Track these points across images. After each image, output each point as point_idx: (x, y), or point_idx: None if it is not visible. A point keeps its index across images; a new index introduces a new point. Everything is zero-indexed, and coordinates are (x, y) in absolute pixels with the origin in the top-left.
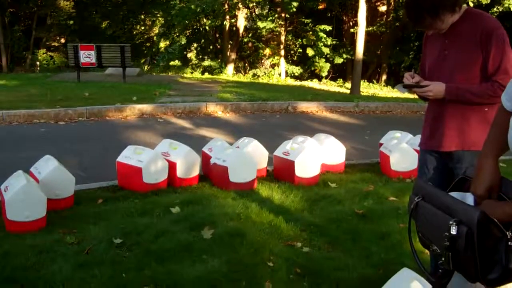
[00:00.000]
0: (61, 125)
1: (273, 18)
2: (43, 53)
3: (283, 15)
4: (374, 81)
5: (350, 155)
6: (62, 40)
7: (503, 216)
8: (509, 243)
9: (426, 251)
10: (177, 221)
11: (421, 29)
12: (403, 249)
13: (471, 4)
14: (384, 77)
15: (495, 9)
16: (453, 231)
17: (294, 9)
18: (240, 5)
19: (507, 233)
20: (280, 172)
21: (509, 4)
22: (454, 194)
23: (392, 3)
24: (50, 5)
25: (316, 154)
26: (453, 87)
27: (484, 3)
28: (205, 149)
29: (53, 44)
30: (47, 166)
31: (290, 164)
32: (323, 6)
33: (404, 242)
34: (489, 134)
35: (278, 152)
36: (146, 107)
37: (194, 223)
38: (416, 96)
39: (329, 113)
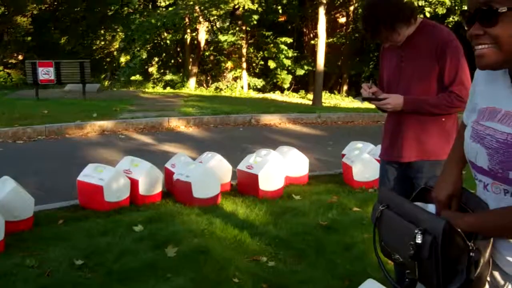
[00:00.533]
0: (20, 144)
1: (234, 31)
2: (0, 71)
3: (244, 28)
4: (336, 92)
5: (313, 167)
6: (20, 57)
7: (465, 227)
8: (471, 254)
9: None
10: (140, 240)
11: (378, 42)
12: (367, 260)
13: (427, 15)
14: (345, 87)
15: (450, 19)
16: (418, 240)
17: (255, 22)
18: (201, 19)
19: (470, 244)
20: (244, 186)
21: None
22: (416, 204)
23: (351, 15)
24: (7, 22)
25: (280, 167)
26: (411, 100)
27: (440, 13)
28: (168, 165)
29: (10, 61)
30: (4, 187)
31: (254, 178)
32: (283, 19)
33: (369, 252)
34: (454, 145)
35: (242, 166)
36: (107, 124)
37: (157, 241)
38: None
39: (292, 124)
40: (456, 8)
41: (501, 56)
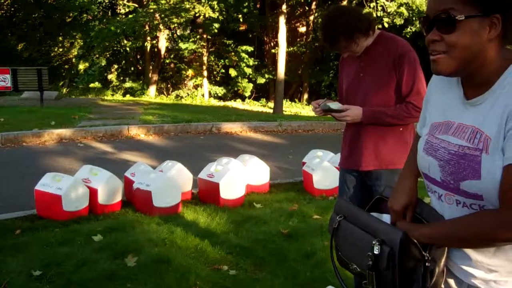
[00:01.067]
0: None
1: (195, 39)
2: None
3: (205, 36)
4: (296, 100)
5: (274, 175)
6: None
7: (421, 239)
8: (427, 264)
9: None
10: (99, 249)
11: (337, 51)
12: (328, 267)
13: (386, 25)
14: (305, 96)
15: (408, 29)
16: (376, 250)
17: (216, 30)
18: (161, 26)
19: (425, 254)
20: (205, 194)
21: None
22: (372, 215)
23: (311, 25)
24: None
25: (241, 175)
26: (370, 111)
27: (398, 24)
28: (128, 174)
29: None
30: None
31: (215, 186)
32: (244, 27)
33: (329, 260)
34: (409, 156)
35: (203, 175)
36: (65, 132)
37: (117, 250)
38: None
39: (253, 133)
40: (414, 19)
41: (455, 63)
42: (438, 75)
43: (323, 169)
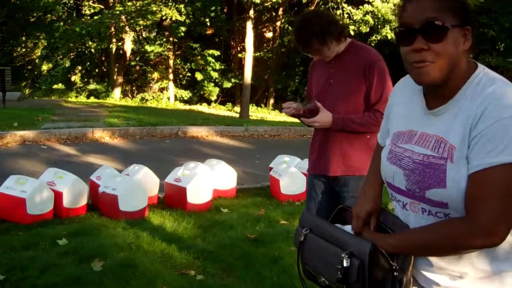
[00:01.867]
0: None
1: (161, 42)
2: None
3: (171, 39)
4: (262, 105)
5: (241, 180)
6: None
7: (388, 248)
8: (395, 273)
9: None
10: (65, 254)
11: (308, 54)
12: (295, 272)
13: (352, 33)
14: (271, 101)
15: (373, 37)
16: (346, 263)
17: (182, 34)
18: (127, 28)
19: (393, 264)
20: (172, 199)
21: (386, 33)
22: (337, 226)
23: (278, 30)
24: None
25: (208, 180)
26: (339, 118)
27: (363, 31)
28: (93, 178)
29: None
30: None
31: (182, 191)
32: (211, 31)
33: (295, 265)
34: (372, 164)
35: (170, 179)
36: (28, 134)
37: (83, 255)
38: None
39: (219, 137)
40: (379, 27)
41: (441, 72)
42: (426, 86)
43: (290, 175)
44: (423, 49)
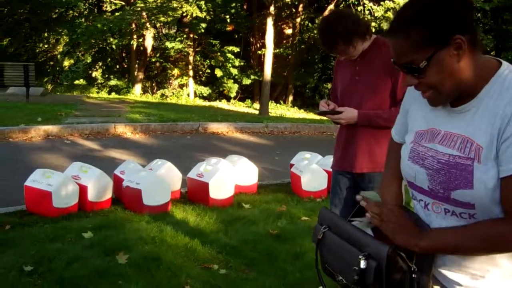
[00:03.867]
0: None
1: (182, 38)
2: None
3: (191, 35)
4: (281, 102)
5: (261, 176)
6: None
7: (420, 251)
8: (413, 275)
9: None
10: (90, 246)
11: (334, 54)
12: None
13: (372, 30)
14: (290, 98)
15: None
16: (362, 265)
17: (203, 30)
18: (148, 25)
19: (412, 265)
20: (194, 194)
21: None
22: (356, 220)
23: (298, 27)
24: None
25: (230, 176)
26: (364, 114)
27: (384, 28)
28: (117, 172)
29: None
30: None
31: (204, 186)
32: (231, 28)
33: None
34: (387, 161)
35: (192, 174)
36: (51, 128)
37: (108, 248)
38: (323, 117)
39: (239, 133)
40: None
41: (444, 95)
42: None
43: (311, 171)
44: (416, 84)
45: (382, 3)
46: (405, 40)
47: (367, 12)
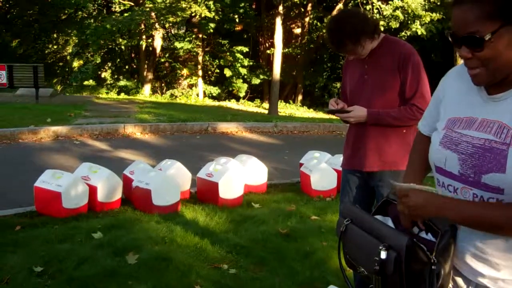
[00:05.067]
0: None
1: (191, 38)
2: None
3: (200, 35)
4: (291, 101)
5: (271, 175)
6: None
7: (432, 210)
8: (433, 267)
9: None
10: (100, 247)
11: (342, 54)
12: (327, 267)
13: (381, 28)
14: (300, 97)
15: (403, 33)
16: (383, 255)
17: (212, 30)
18: (157, 25)
19: (432, 257)
20: (204, 193)
21: (416, 29)
22: (377, 217)
23: (307, 26)
24: None
25: (239, 175)
26: (374, 112)
27: (393, 27)
28: (126, 172)
29: None
30: None
31: (214, 186)
32: (240, 28)
33: (328, 260)
34: (410, 159)
35: (202, 174)
36: (61, 129)
37: (117, 248)
38: (332, 116)
39: (248, 133)
40: (409, 22)
41: (492, 75)
42: (479, 86)
43: (321, 171)
44: (468, 57)
45: (390, 2)
46: (473, 9)
47: (375, 11)
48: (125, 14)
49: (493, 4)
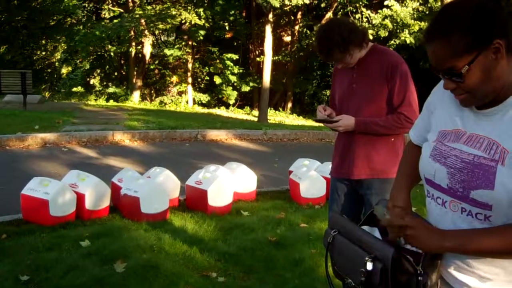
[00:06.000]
0: None
1: (180, 45)
2: None
3: (190, 43)
4: (280, 109)
5: (260, 183)
6: None
7: (434, 245)
8: (420, 278)
9: None
10: (87, 255)
11: (331, 63)
12: (316, 275)
13: (370, 37)
14: (289, 105)
15: (392, 42)
16: (369, 267)
17: (201, 37)
18: (146, 32)
19: (418, 268)
20: (193, 201)
21: (405, 37)
22: (364, 228)
23: (296, 34)
24: None
25: (229, 183)
26: (362, 121)
27: (382, 36)
28: (115, 180)
29: None
30: None
31: (203, 193)
32: (230, 35)
33: (316, 267)
34: (400, 168)
35: (191, 182)
36: (49, 136)
37: (105, 256)
38: (321, 124)
39: (238, 141)
40: (398, 31)
41: (478, 99)
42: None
43: (310, 178)
44: (453, 87)
45: (379, 11)
46: (446, 46)
47: (365, 19)
48: (115, 21)
49: (465, 39)
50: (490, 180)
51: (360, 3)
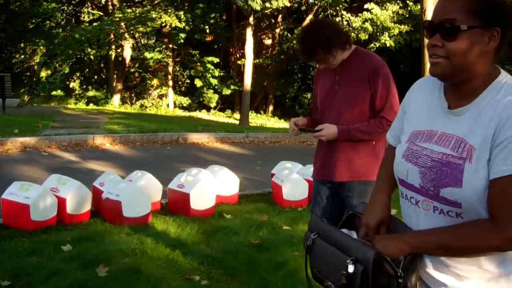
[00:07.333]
0: None
1: (161, 48)
2: None
3: (170, 46)
4: (262, 112)
5: (242, 186)
6: None
7: (395, 251)
8: (400, 280)
9: None
10: (69, 260)
11: (314, 63)
12: (299, 277)
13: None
14: (271, 107)
15: (372, 45)
16: (350, 269)
17: (182, 41)
18: (126, 35)
19: (398, 270)
20: (175, 205)
21: (385, 40)
22: (343, 231)
23: (277, 37)
24: None
25: (211, 186)
26: (345, 130)
27: (362, 39)
28: (96, 184)
29: None
30: None
31: (185, 197)
32: (210, 38)
33: (300, 270)
34: (380, 172)
35: (173, 185)
36: (29, 140)
37: (87, 260)
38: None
39: (220, 144)
40: (378, 34)
41: (451, 69)
42: (435, 77)
43: (292, 181)
44: (438, 45)
45: (360, 14)
46: (460, 0)
47: (345, 23)
48: (94, 24)
49: (479, 4)
50: (458, 178)
51: (341, 6)
